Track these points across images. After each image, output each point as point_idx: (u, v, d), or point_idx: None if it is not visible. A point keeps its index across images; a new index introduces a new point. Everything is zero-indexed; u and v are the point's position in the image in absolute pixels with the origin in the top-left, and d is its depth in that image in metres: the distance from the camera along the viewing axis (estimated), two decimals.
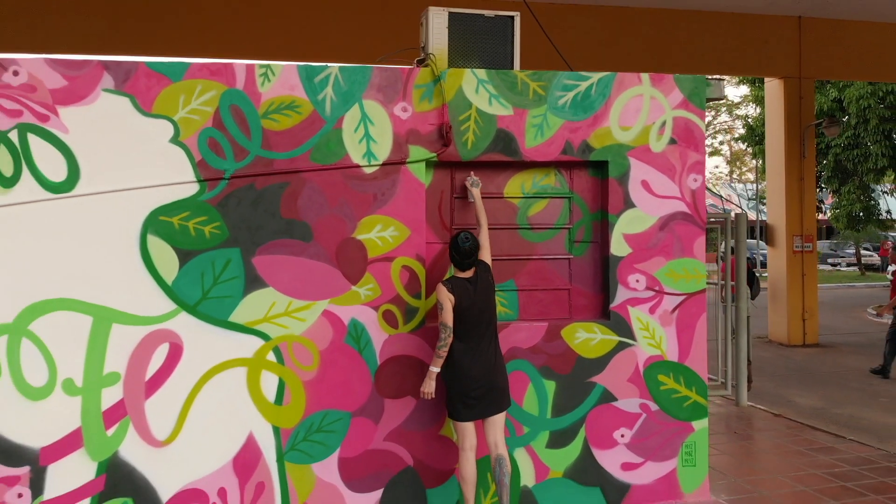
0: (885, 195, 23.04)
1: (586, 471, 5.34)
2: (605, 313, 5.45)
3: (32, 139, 4.59)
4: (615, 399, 5.39)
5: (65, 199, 4.63)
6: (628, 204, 5.41)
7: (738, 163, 43.63)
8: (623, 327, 5.40)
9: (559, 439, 5.30)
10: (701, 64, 14.67)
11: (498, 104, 5.21)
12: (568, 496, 5.32)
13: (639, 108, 5.41)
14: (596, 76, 5.35)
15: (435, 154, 5.12)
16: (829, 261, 42.07)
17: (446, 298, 4.68)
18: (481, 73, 5.20)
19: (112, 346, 4.68)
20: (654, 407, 5.44)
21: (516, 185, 5.44)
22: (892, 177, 20.31)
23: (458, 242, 4.77)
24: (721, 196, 52.57)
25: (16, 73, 4.58)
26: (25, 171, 4.59)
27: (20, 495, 4.62)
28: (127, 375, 4.70)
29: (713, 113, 33.79)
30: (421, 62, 5.24)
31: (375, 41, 11.43)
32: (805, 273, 14.40)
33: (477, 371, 4.74)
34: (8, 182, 4.58)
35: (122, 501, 4.72)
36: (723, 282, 8.96)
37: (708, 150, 36.13)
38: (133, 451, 4.71)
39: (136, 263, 4.70)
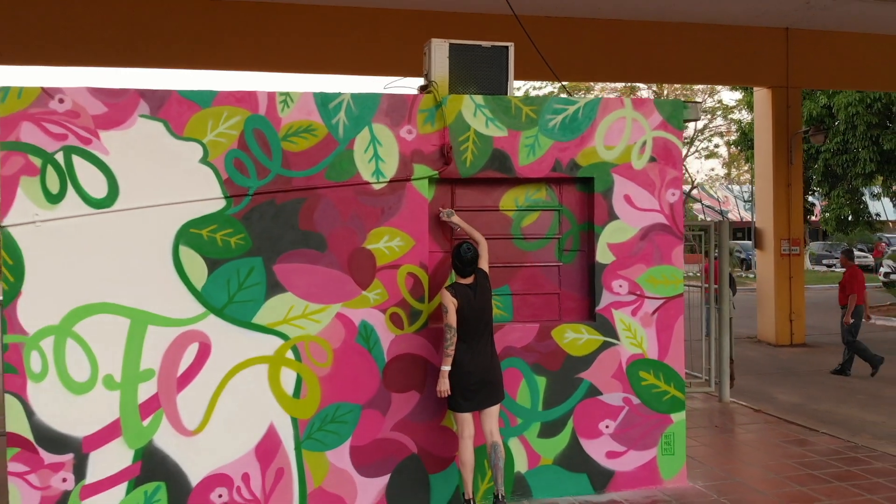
0: (875, 199, 23.54)
1: (574, 458, 5.89)
2: (591, 315, 6.00)
3: (76, 160, 5.14)
4: (600, 393, 5.94)
5: (105, 214, 5.17)
6: (612, 216, 5.96)
7: (735, 164, 44.20)
8: (607, 328, 5.95)
9: (549, 430, 5.85)
10: (692, 74, 15.27)
11: (494, 126, 5.76)
12: (557, 482, 5.87)
13: (622, 129, 5.96)
14: (582, 101, 5.90)
15: (437, 172, 5.66)
16: (825, 262, 42.61)
17: (450, 302, 5.22)
18: (479, 98, 5.75)
19: (147, 345, 5.23)
20: (635, 401, 5.99)
21: (510, 200, 5.98)
22: (881, 180, 20.81)
23: (461, 252, 5.32)
24: (717, 197, 53.18)
25: (61, 101, 5.13)
26: (70, 189, 5.13)
27: (64, 480, 5.16)
28: (161, 372, 5.24)
29: (709, 117, 34.31)
30: (424, 89, 5.78)
31: (378, 52, 12.04)
32: (792, 276, 14.95)
33: (475, 367, 5.28)
34: (55, 199, 5.12)
35: (155, 485, 5.26)
36: (706, 284, 9.49)
37: (704, 152, 36.67)
38: (166, 440, 5.26)
39: (169, 271, 5.24)
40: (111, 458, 5.19)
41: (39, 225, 5.09)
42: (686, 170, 36.68)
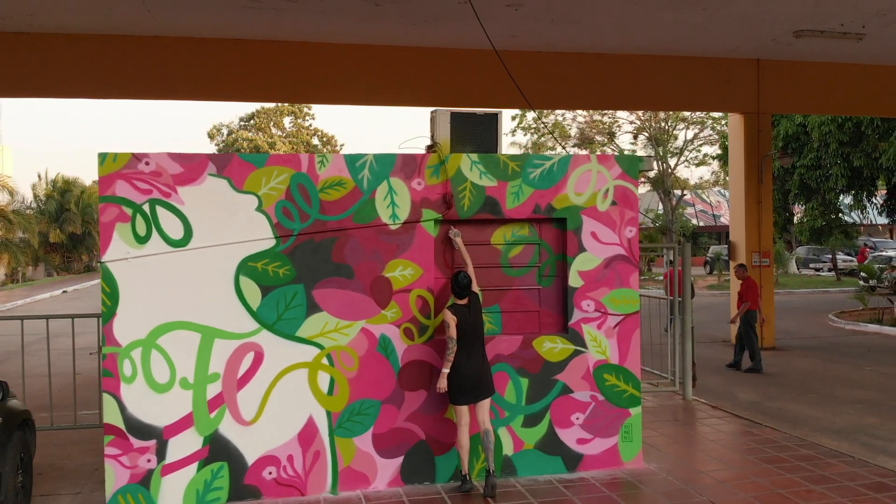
0: (850, 209, 24.98)
1: (551, 444, 7.34)
2: (564, 329, 7.45)
3: (159, 209, 6.59)
4: (572, 392, 7.39)
5: (182, 252, 6.62)
6: (581, 249, 7.41)
7: (724, 170, 45.63)
8: (578, 339, 7.40)
9: (531, 421, 7.30)
10: (672, 101, 16.76)
11: (486, 178, 7.21)
12: (537, 463, 7.32)
13: (588, 179, 7.41)
14: (556, 157, 7.36)
15: (441, 215, 7.11)
16: (812, 265, 44.10)
17: (451, 319, 6.67)
18: (474, 156, 7.20)
19: (214, 354, 6.67)
20: (600, 397, 7.45)
21: (500, 236, 7.43)
22: (852, 194, 22.25)
23: (459, 279, 6.77)
24: (710, 202, 54.59)
25: (147, 164, 6.58)
26: (154, 233, 6.58)
27: (149, 460, 6.60)
28: (224, 375, 6.69)
29: (699, 127, 35.77)
30: (430, 148, 7.24)
31: (390, 86, 13.53)
32: (762, 285, 16.34)
33: (470, 369, 6.72)
34: (142, 240, 6.57)
35: (220, 464, 6.70)
36: (671, 297, 10.93)
37: (695, 161, 38.11)
38: (228, 429, 6.70)
39: (231, 296, 6.69)
40: (186, 443, 6.63)
41: (130, 261, 6.53)
42: (676, 178, 38.18)
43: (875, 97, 16.35)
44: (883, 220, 43.21)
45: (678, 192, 40.91)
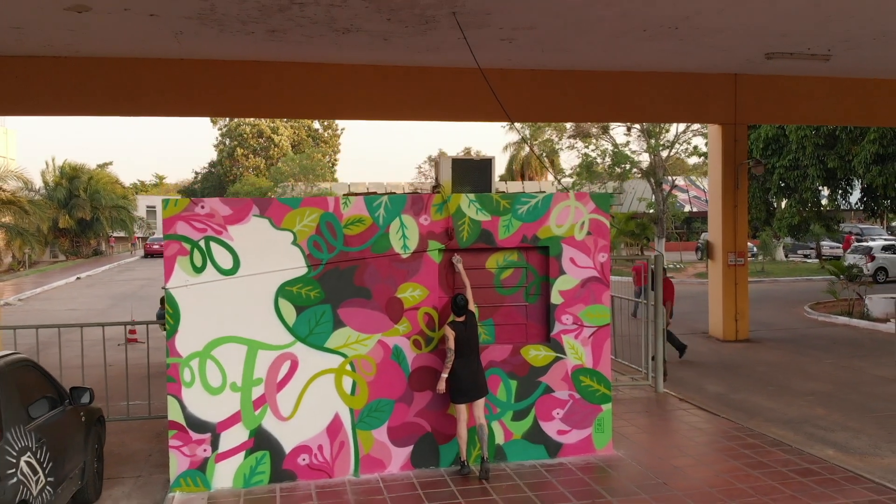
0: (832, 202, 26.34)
1: (535, 435, 8.81)
2: (547, 338, 8.89)
3: (213, 244, 8.01)
4: (553, 391, 8.85)
5: (231, 279, 8.06)
6: (562, 272, 8.85)
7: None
8: (558, 347, 8.85)
9: (519, 415, 8.76)
10: (655, 113, 18.14)
11: (482, 214, 8.63)
12: (524, 450, 8.79)
13: (567, 213, 8.83)
14: (541, 196, 8.77)
15: (444, 245, 8.54)
16: (800, 251, 45.58)
17: (450, 333, 8.11)
18: (471, 196, 8.61)
19: (258, 362, 8.12)
20: (577, 396, 8.91)
21: (493, 261, 8.86)
22: (828, 193, 23.64)
23: (457, 301, 8.20)
24: (704, 188, 55.89)
25: (202, 207, 8.00)
26: (209, 264, 8.01)
27: (205, 450, 8.06)
28: (266, 379, 8.14)
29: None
30: (434, 189, 8.65)
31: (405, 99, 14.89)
32: (737, 282, 17.84)
33: (467, 375, 8.16)
34: (199, 270, 8.00)
35: (262, 453, 8.17)
36: (645, 301, 12.38)
37: (686, 152, 39.37)
38: (270, 423, 8.16)
39: (272, 314, 8.12)
40: (235, 436, 8.10)
41: (189, 287, 7.96)
42: (666, 169, 39.51)
43: (846, 107, 17.70)
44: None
45: (670, 179, 42.18)
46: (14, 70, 13.25)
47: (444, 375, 8.13)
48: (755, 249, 39.84)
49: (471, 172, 8.69)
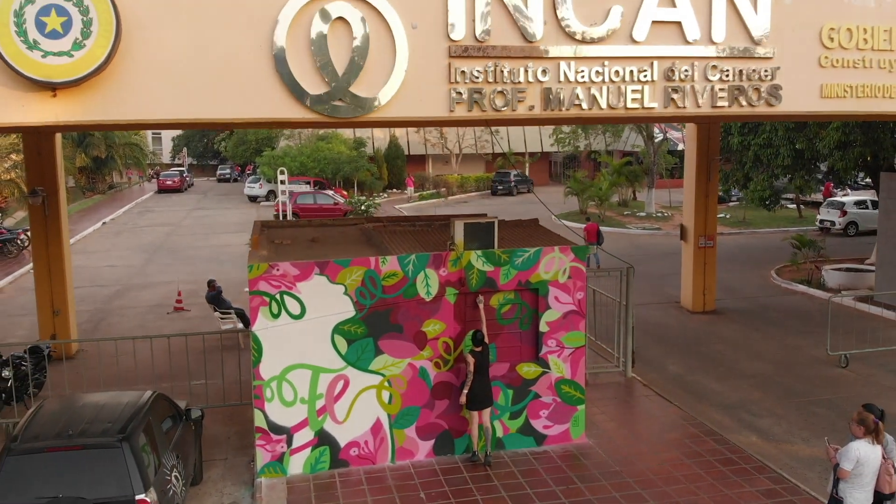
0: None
1: (526, 429, 11.68)
2: (537, 357, 11.67)
3: (286, 297, 10.70)
4: (540, 397, 11.68)
5: (299, 322, 10.77)
6: (548, 307, 11.56)
7: None
8: (545, 364, 11.64)
9: (514, 415, 11.62)
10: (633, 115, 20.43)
11: (487, 265, 11.28)
12: (518, 441, 11.67)
13: (553, 262, 11.48)
14: (532, 250, 11.39)
15: (458, 290, 11.23)
16: (784, 198, 47.91)
17: (470, 360, 10.84)
18: (479, 252, 11.24)
19: (320, 382, 10.91)
20: (559, 400, 11.75)
21: (495, 300, 11.54)
22: (789, 178, 26.12)
23: (476, 335, 10.87)
24: None
25: (277, 270, 10.66)
26: (283, 311, 10.71)
27: (282, 447, 10.94)
28: (326, 394, 10.95)
29: None
30: (450, 247, 11.28)
31: None
32: (706, 262, 20.56)
33: (480, 390, 10.94)
34: (276, 316, 10.70)
35: (324, 448, 11.04)
36: (619, 299, 15.11)
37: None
38: (329, 426, 11.00)
39: (329, 347, 10.87)
40: (304, 436, 10.95)
41: (269, 329, 10.69)
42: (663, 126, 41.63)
43: None
44: None
45: (661, 129, 44.42)
46: None
47: (465, 391, 10.91)
48: (742, 194, 42.26)
49: (478, 233, 11.28)
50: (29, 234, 32.36)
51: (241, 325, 18.09)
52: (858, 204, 34.97)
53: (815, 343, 17.41)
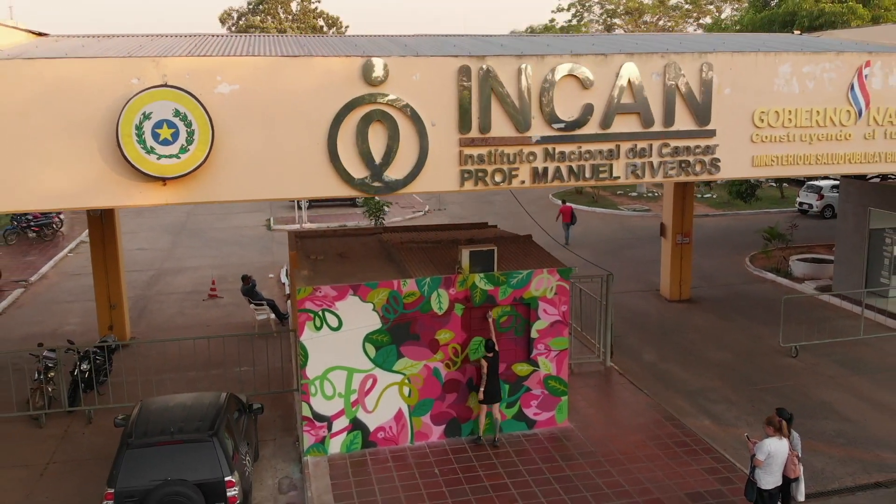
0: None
1: (520, 416, 14.36)
2: (528, 358, 14.30)
3: (327, 314, 13.27)
4: (531, 390, 14.34)
5: (337, 333, 13.36)
6: (538, 318, 14.16)
7: None
8: (535, 364, 14.28)
9: (510, 405, 14.28)
10: None
11: (488, 285, 13.85)
12: (513, 426, 14.35)
13: (542, 281, 14.05)
14: (525, 273, 13.95)
15: (465, 306, 13.81)
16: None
17: (484, 364, 13.45)
18: (481, 275, 13.80)
19: (353, 380, 13.55)
20: (546, 392, 14.41)
21: (495, 312, 14.11)
22: None
23: (488, 344, 13.51)
24: None
25: (319, 291, 13.22)
26: (325, 325, 13.30)
27: (323, 432, 13.64)
28: (359, 390, 13.60)
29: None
30: (458, 270, 13.84)
31: None
32: (682, 257, 23.11)
33: (492, 387, 13.58)
34: (318, 329, 13.29)
35: (357, 432, 13.72)
36: (600, 300, 17.70)
37: None
38: (361, 415, 13.66)
39: (360, 351, 13.48)
40: (341, 423, 13.63)
41: (313, 339, 13.29)
42: None
43: None
44: None
45: None
46: None
47: (482, 389, 13.54)
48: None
49: (482, 259, 13.80)
50: (62, 217, 35.04)
51: (273, 316, 20.73)
52: (835, 188, 37.27)
53: (774, 333, 19.82)
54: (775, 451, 10.65)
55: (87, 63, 9.49)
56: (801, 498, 11.11)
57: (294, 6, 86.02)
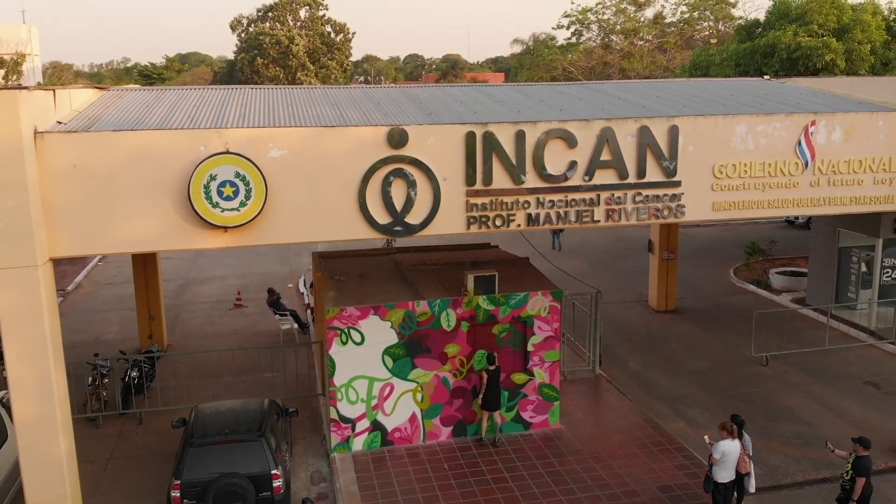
0: None
1: (518, 418, 16.55)
2: (525, 369, 16.49)
3: (351, 330, 15.47)
4: (527, 396, 16.53)
5: (360, 347, 15.57)
6: (534, 333, 16.34)
7: None
8: (531, 373, 16.46)
9: (509, 409, 16.46)
10: None
11: (490, 305, 16.02)
12: (512, 427, 16.52)
13: (538, 302, 16.21)
14: (521, 295, 16.13)
15: (470, 323, 16.00)
16: None
17: (485, 375, 15.65)
18: (484, 297, 15.98)
19: (374, 387, 15.75)
20: (540, 398, 16.59)
21: (496, 329, 16.30)
22: None
23: (489, 356, 15.71)
24: None
25: (345, 312, 15.44)
26: (350, 340, 15.51)
27: (347, 432, 15.84)
28: (378, 396, 15.79)
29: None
30: (464, 292, 16.03)
31: None
32: (668, 272, 25.26)
33: (492, 396, 15.77)
34: (344, 343, 15.49)
35: (377, 432, 15.91)
36: (590, 313, 19.87)
37: None
38: (381, 417, 15.86)
39: (380, 363, 15.67)
40: (363, 424, 15.82)
41: (339, 352, 15.49)
42: None
43: None
44: None
45: None
46: None
47: (480, 396, 15.71)
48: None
49: (484, 283, 15.97)
50: None
51: (296, 325, 22.94)
52: None
53: (749, 343, 22.00)
54: (729, 451, 12.80)
55: (164, 134, 11.69)
56: (752, 490, 13.26)
57: (303, 13, 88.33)
